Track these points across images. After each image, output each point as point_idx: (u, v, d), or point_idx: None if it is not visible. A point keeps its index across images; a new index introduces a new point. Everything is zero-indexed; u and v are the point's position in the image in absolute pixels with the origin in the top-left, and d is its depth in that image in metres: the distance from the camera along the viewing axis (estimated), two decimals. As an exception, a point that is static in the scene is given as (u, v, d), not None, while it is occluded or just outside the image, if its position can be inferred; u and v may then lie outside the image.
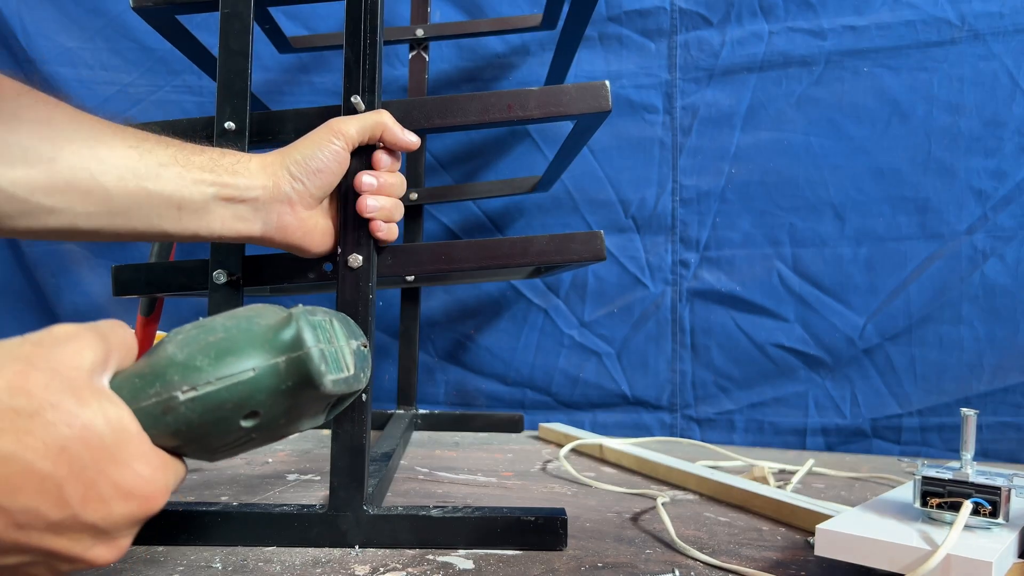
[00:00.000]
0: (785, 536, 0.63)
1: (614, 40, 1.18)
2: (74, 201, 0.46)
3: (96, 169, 0.46)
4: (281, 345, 0.36)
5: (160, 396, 0.34)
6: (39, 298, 1.29)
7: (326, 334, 0.39)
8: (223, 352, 0.35)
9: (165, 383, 0.34)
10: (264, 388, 0.36)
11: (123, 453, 0.32)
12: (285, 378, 0.36)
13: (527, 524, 0.58)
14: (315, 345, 0.36)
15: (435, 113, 0.62)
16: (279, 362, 0.36)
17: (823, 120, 1.10)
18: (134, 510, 0.32)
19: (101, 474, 0.31)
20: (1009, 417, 1.02)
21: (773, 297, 1.12)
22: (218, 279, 0.62)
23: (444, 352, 1.25)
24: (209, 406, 0.35)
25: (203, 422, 0.35)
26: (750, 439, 1.13)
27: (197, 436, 0.36)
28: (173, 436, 0.35)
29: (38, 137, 0.44)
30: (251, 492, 0.73)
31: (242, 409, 0.36)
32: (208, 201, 0.51)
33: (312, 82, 1.25)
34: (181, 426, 0.35)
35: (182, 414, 0.35)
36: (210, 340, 0.36)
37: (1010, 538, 0.49)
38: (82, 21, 1.25)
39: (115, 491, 0.31)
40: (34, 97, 0.45)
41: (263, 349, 0.36)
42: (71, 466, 0.30)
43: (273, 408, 0.37)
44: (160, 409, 0.34)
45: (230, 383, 0.35)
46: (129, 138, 0.48)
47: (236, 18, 0.63)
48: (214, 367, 0.35)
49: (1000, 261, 1.03)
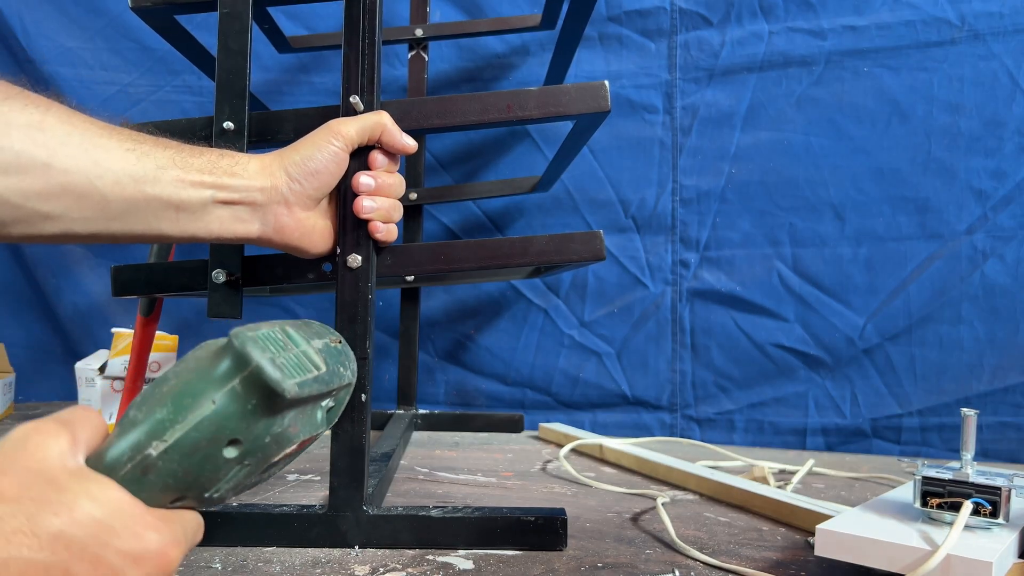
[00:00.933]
0: (785, 536, 0.63)
1: (614, 40, 1.18)
2: (70, 207, 0.45)
3: (93, 173, 0.45)
4: (230, 369, 0.36)
5: (135, 460, 0.34)
6: (39, 298, 1.29)
7: (276, 343, 0.39)
8: (178, 396, 0.35)
9: (135, 446, 0.34)
10: (231, 415, 0.36)
11: (118, 521, 0.32)
12: (247, 397, 0.36)
13: (527, 524, 0.58)
14: (262, 356, 0.36)
15: (434, 113, 0.61)
16: (235, 385, 0.36)
17: (823, 120, 1.10)
18: (150, 572, 0.32)
19: (104, 547, 0.31)
20: (1009, 417, 1.02)
21: (773, 297, 1.12)
22: (217, 279, 0.62)
23: (444, 352, 1.25)
24: (185, 451, 0.35)
25: (187, 468, 0.35)
26: (750, 439, 1.13)
27: (189, 483, 0.36)
28: (164, 492, 0.35)
29: (31, 142, 0.43)
30: (250, 493, 0.73)
31: (219, 442, 0.36)
32: (206, 203, 0.51)
33: (312, 82, 1.25)
34: (168, 480, 0.35)
35: (162, 468, 0.34)
36: (164, 391, 0.36)
37: (1010, 538, 0.49)
38: (82, 21, 1.25)
39: (123, 559, 0.31)
40: (25, 100, 0.44)
41: (215, 380, 0.36)
42: (70, 549, 0.30)
43: (251, 431, 0.36)
44: (139, 472, 0.34)
45: (196, 422, 0.35)
46: (126, 140, 0.47)
47: (235, 18, 0.63)
48: (174, 414, 0.35)
49: (1000, 261, 1.03)
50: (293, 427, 0.39)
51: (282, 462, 0.41)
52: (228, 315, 0.62)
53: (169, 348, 1.10)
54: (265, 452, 0.38)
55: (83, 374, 1.11)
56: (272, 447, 0.38)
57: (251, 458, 0.37)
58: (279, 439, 0.38)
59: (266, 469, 0.40)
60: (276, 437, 0.38)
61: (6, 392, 1.16)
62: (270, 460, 0.39)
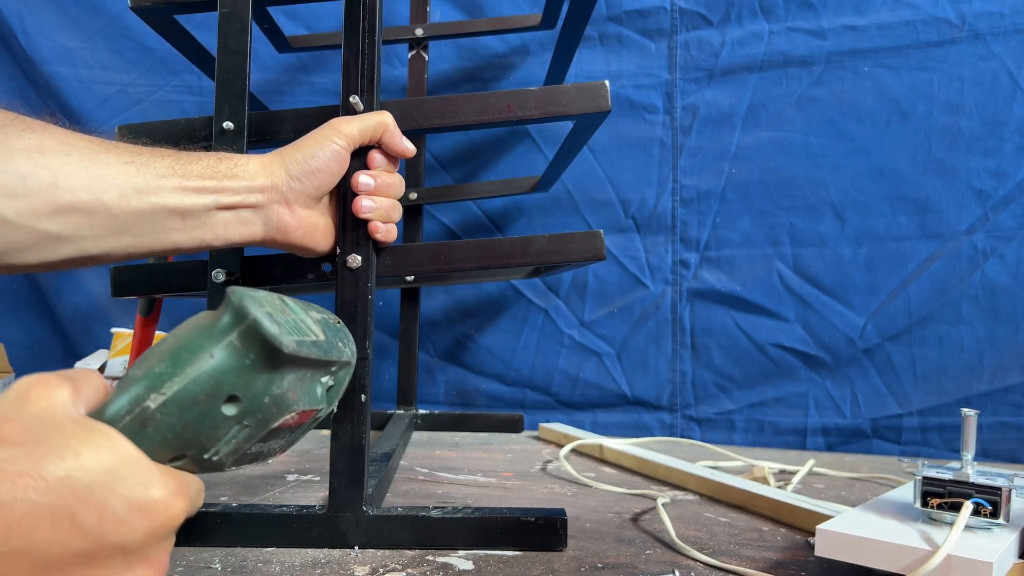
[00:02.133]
0: (785, 536, 0.63)
1: (614, 40, 1.18)
2: (81, 225, 0.46)
3: (97, 189, 0.46)
4: (228, 324, 0.36)
5: (133, 412, 0.34)
6: (39, 298, 1.29)
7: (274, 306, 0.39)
8: (177, 352, 0.35)
9: (134, 399, 0.34)
10: (229, 369, 0.36)
11: (123, 469, 0.31)
12: (245, 352, 0.36)
13: (527, 524, 0.57)
14: (259, 311, 0.36)
15: (434, 113, 0.61)
16: (232, 339, 0.36)
17: (823, 120, 1.10)
18: (156, 522, 0.32)
19: (110, 494, 0.31)
20: (1009, 417, 1.02)
21: (773, 297, 1.12)
22: (217, 278, 0.62)
23: (444, 352, 1.24)
24: (184, 404, 0.35)
25: (185, 422, 0.35)
26: (750, 439, 1.13)
27: (188, 439, 0.36)
28: (163, 447, 0.35)
29: (34, 164, 0.44)
30: (251, 493, 0.73)
31: (217, 397, 0.36)
32: (210, 208, 0.51)
33: (312, 82, 1.25)
34: (166, 433, 0.35)
35: (161, 420, 0.35)
36: (162, 348, 0.36)
37: (1010, 538, 0.49)
38: (82, 21, 1.25)
39: (129, 507, 0.31)
40: (21, 125, 0.45)
41: (214, 335, 0.36)
42: (77, 494, 0.30)
43: (249, 388, 0.37)
44: (138, 424, 0.34)
45: (194, 375, 0.35)
46: (123, 154, 0.48)
47: (235, 18, 0.63)
48: (173, 367, 0.35)
49: (1000, 261, 1.03)
50: (292, 392, 0.39)
51: (283, 433, 0.41)
52: (228, 315, 0.62)
53: (169, 348, 1.10)
54: (264, 414, 0.38)
55: (83, 374, 1.10)
56: (271, 409, 0.38)
57: (250, 418, 0.37)
58: (278, 401, 0.38)
59: (266, 438, 0.40)
60: (275, 398, 0.38)
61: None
62: (270, 424, 0.39)
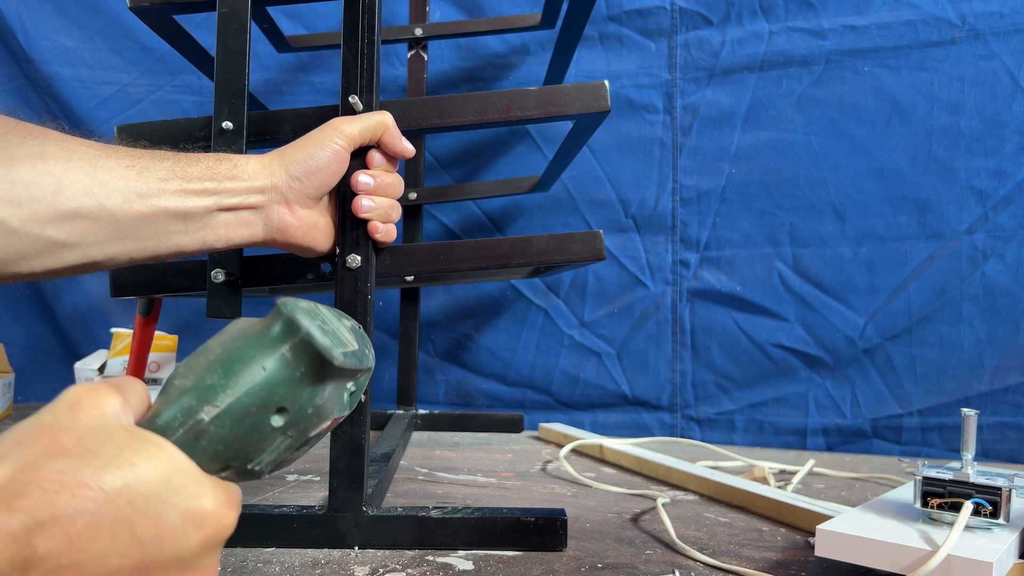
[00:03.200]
0: (785, 536, 0.63)
1: (614, 40, 1.18)
2: (85, 231, 0.46)
3: (100, 194, 0.46)
4: (279, 335, 0.36)
5: (186, 425, 0.34)
6: (39, 298, 1.29)
7: (318, 317, 0.39)
8: (228, 363, 0.35)
9: (186, 411, 0.34)
10: (281, 381, 0.36)
11: (177, 480, 0.32)
12: (296, 364, 0.36)
13: (527, 525, 0.57)
14: (311, 324, 0.37)
15: (434, 113, 0.61)
16: (284, 352, 0.36)
17: (823, 120, 1.10)
18: (208, 533, 0.32)
19: (165, 505, 0.31)
20: (1009, 417, 1.02)
21: (773, 297, 1.12)
22: (216, 278, 0.62)
23: (444, 352, 1.24)
24: (236, 416, 0.35)
25: (236, 434, 0.35)
26: (750, 439, 1.13)
27: (236, 451, 0.36)
28: (213, 459, 0.35)
29: (36, 172, 0.44)
30: (251, 493, 0.73)
31: (268, 409, 0.36)
32: (211, 210, 0.51)
33: (311, 82, 1.25)
34: (218, 446, 0.35)
35: (214, 433, 0.35)
36: (211, 359, 0.36)
37: (1011, 538, 0.49)
38: (82, 21, 1.25)
39: (184, 518, 0.31)
40: (23, 132, 0.45)
41: (265, 347, 0.36)
42: (134, 505, 0.30)
43: (297, 399, 0.37)
44: (191, 437, 0.34)
45: (247, 387, 0.35)
46: (124, 158, 0.48)
47: (234, 17, 0.63)
48: (226, 379, 0.35)
49: (1000, 261, 1.03)
50: (329, 402, 0.40)
51: (313, 440, 0.42)
52: (227, 315, 0.62)
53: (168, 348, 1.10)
54: (306, 424, 0.38)
55: (83, 374, 1.11)
56: (312, 419, 0.38)
57: (294, 429, 0.38)
58: (319, 411, 0.39)
59: (300, 446, 0.40)
60: (317, 409, 0.38)
61: (6, 392, 1.16)
62: (309, 434, 0.39)
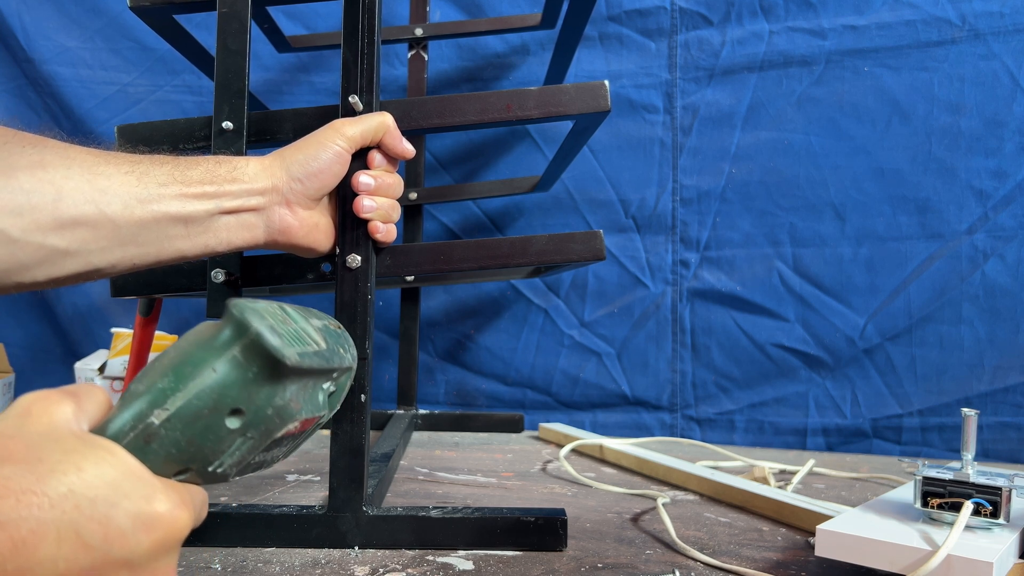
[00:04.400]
0: (786, 536, 0.63)
1: (614, 40, 1.18)
2: (87, 238, 0.46)
3: (101, 201, 0.46)
4: (230, 337, 0.36)
5: (137, 429, 0.34)
6: (39, 298, 1.29)
7: (275, 317, 0.39)
8: (180, 366, 0.35)
9: (137, 416, 0.34)
10: (232, 382, 0.36)
11: (127, 483, 0.31)
12: (247, 365, 0.36)
13: (527, 525, 0.57)
14: (261, 323, 0.36)
15: (434, 113, 0.61)
16: (235, 353, 0.36)
17: (823, 120, 1.10)
18: (160, 536, 0.32)
19: (113, 508, 0.30)
20: (1010, 417, 1.02)
21: (773, 297, 1.12)
22: (216, 278, 0.62)
23: (444, 352, 1.24)
24: (188, 419, 0.35)
25: (190, 437, 0.35)
26: (750, 439, 1.13)
27: (192, 453, 0.36)
28: (167, 462, 0.35)
29: (37, 180, 0.44)
30: (250, 493, 0.73)
31: (220, 411, 0.36)
32: (212, 213, 0.51)
33: (312, 82, 1.25)
34: (171, 449, 0.35)
35: (165, 436, 0.35)
36: (164, 363, 0.36)
37: (1011, 538, 0.49)
38: (82, 21, 1.25)
39: (133, 521, 0.31)
40: (21, 141, 0.45)
41: (216, 349, 0.36)
42: (80, 509, 0.30)
43: (252, 400, 0.37)
44: (142, 440, 0.34)
45: (198, 390, 0.35)
46: (123, 164, 0.48)
47: (234, 17, 0.63)
48: (176, 382, 0.35)
49: (1000, 261, 1.03)
50: (295, 402, 0.39)
51: (286, 442, 0.41)
52: (227, 315, 0.62)
53: (169, 348, 1.10)
54: (268, 425, 0.38)
55: (83, 374, 1.11)
56: (275, 420, 0.38)
57: (253, 430, 0.37)
58: (281, 412, 0.38)
59: (269, 447, 0.40)
60: (278, 410, 0.38)
61: (6, 392, 1.16)
62: (273, 435, 0.39)
